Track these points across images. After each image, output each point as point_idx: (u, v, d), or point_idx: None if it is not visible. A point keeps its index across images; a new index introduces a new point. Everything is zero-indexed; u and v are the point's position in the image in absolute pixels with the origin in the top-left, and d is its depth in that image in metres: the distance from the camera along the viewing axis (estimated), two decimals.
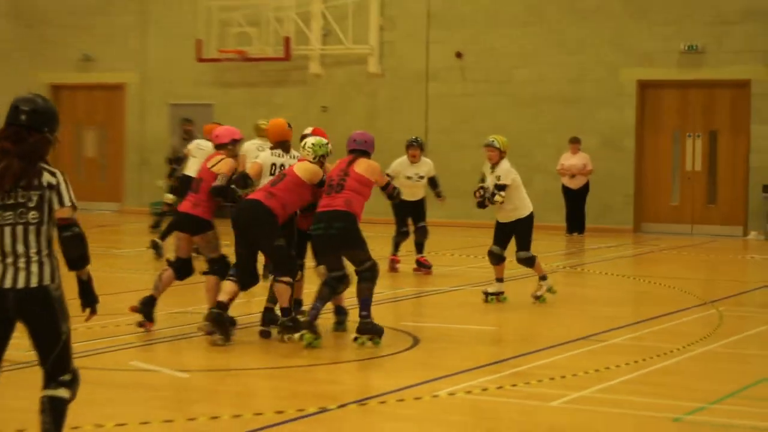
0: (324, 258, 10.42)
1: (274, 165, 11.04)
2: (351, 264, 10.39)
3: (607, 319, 12.01)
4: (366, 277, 10.29)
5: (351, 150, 10.63)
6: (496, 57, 23.82)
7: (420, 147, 15.74)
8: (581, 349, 10.27)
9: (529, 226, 12.97)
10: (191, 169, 15.88)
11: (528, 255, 12.86)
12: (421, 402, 8.13)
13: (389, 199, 11.19)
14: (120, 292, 13.04)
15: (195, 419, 7.53)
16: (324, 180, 10.46)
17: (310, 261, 11.16)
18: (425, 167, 15.76)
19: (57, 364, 5.84)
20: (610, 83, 23.02)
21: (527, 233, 12.91)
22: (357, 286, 10.32)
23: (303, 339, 10.11)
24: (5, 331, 5.84)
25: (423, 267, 15.83)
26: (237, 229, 10.45)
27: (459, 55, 24.07)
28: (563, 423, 7.64)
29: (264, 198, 10.33)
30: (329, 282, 10.28)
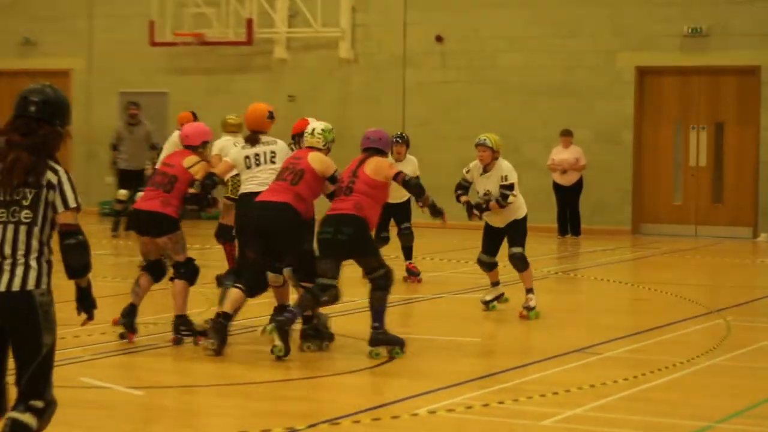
0: (323, 260, 10.42)
1: (247, 158, 11.01)
2: (362, 271, 10.51)
3: (604, 330, 12.07)
4: (379, 286, 10.38)
5: (365, 149, 10.69)
6: (480, 41, 23.85)
7: (406, 144, 15.57)
8: (575, 363, 10.32)
9: (524, 225, 12.97)
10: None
11: (522, 253, 12.80)
12: (399, 421, 8.15)
13: (407, 190, 10.81)
14: (65, 301, 12.97)
15: None
16: (335, 176, 10.52)
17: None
18: (410, 166, 15.54)
19: (32, 383, 5.76)
20: (606, 70, 23.09)
21: (522, 231, 12.89)
22: (370, 294, 10.44)
23: (273, 351, 10.15)
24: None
25: (412, 275, 15.76)
26: (255, 232, 10.50)
27: (439, 39, 24.11)
28: None
29: (293, 201, 10.38)
30: (313, 290, 10.32)
